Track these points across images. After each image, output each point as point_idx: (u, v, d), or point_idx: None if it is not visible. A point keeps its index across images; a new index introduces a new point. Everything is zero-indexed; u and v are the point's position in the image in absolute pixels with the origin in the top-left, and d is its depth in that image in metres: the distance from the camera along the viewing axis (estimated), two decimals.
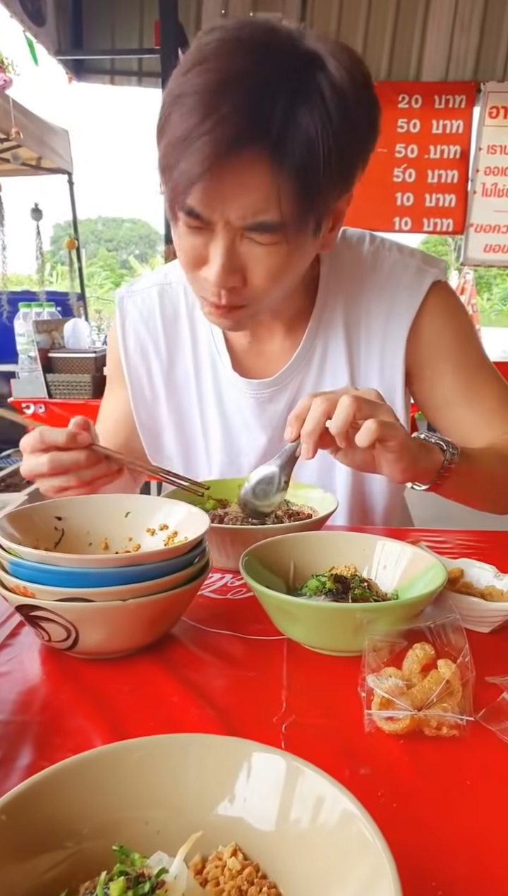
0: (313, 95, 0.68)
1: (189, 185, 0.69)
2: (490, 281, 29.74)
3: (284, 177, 0.69)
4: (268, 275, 0.78)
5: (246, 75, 0.66)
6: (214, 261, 0.76)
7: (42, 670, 0.61)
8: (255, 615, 0.69)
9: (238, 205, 0.71)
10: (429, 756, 0.51)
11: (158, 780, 0.39)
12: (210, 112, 0.66)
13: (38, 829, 0.34)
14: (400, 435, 0.70)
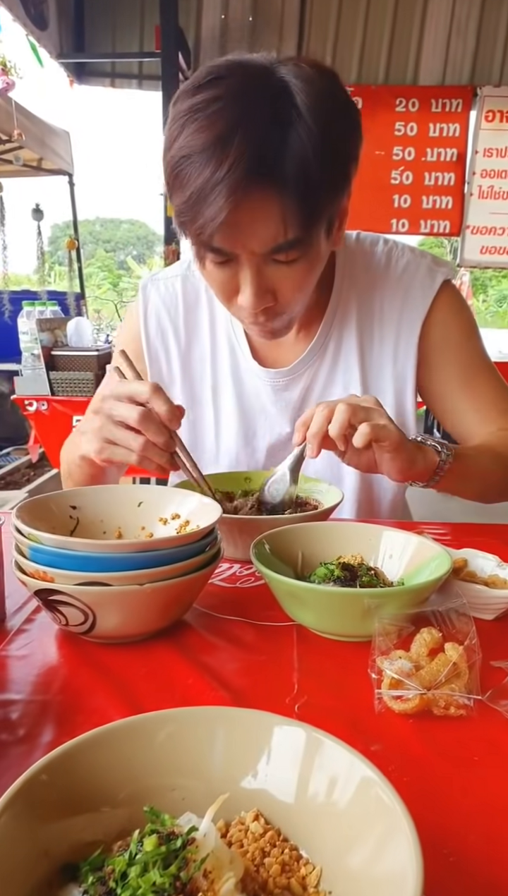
0: (295, 120, 0.74)
1: (213, 231, 0.76)
2: (485, 283, 29.82)
3: (289, 200, 0.76)
4: (296, 287, 0.86)
5: (237, 124, 0.73)
6: (246, 289, 0.83)
7: (59, 653, 0.63)
8: (265, 602, 0.71)
9: (257, 236, 0.78)
10: (438, 734, 0.53)
11: (187, 750, 0.40)
12: (217, 165, 0.72)
13: (76, 791, 0.36)
14: (392, 436, 0.77)
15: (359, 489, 1.10)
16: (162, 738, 0.39)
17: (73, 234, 5.46)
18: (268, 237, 0.78)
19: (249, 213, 0.76)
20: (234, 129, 0.72)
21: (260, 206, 0.76)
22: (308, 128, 0.74)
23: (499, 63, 5.15)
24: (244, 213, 0.75)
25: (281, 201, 0.76)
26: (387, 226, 5.44)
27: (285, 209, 0.76)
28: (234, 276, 0.83)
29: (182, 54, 4.73)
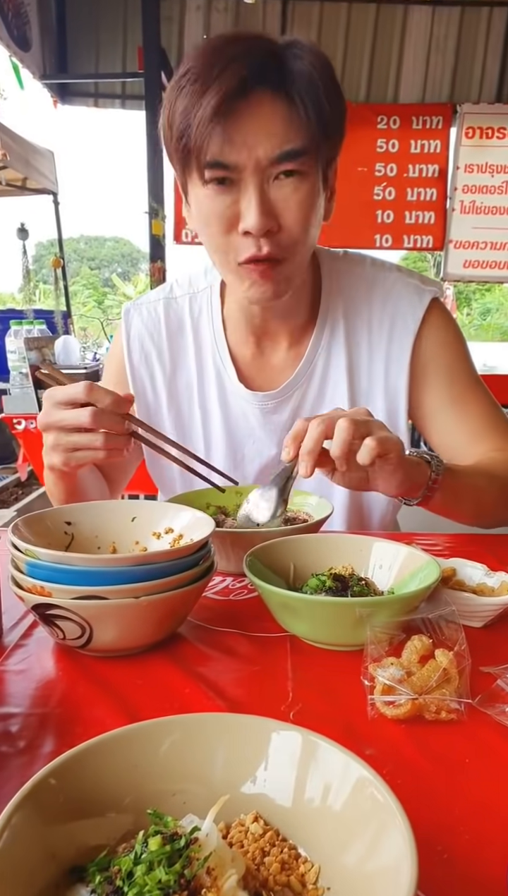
0: (299, 51, 0.78)
1: (209, 135, 0.74)
2: (469, 296, 30.19)
3: (295, 107, 0.76)
4: (299, 212, 0.82)
5: (239, 39, 0.77)
6: (250, 207, 0.79)
7: (57, 667, 0.64)
8: (258, 614, 0.72)
9: (263, 138, 0.76)
10: (430, 738, 0.54)
11: (189, 756, 0.41)
12: (213, 67, 0.73)
13: (83, 796, 0.37)
14: (398, 447, 0.74)
15: (349, 505, 1.10)
16: (166, 745, 0.40)
17: (58, 253, 5.48)
18: (274, 140, 0.76)
19: (251, 116, 0.75)
20: (236, 41, 0.75)
21: (265, 108, 0.75)
22: (312, 61, 0.77)
23: (478, 80, 5.27)
24: (245, 115, 0.75)
25: (287, 107, 0.76)
26: (371, 241, 5.52)
27: (293, 115, 0.76)
28: (235, 202, 0.80)
29: (165, 74, 4.80)
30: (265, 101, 0.75)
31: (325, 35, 5.16)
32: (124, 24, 5.13)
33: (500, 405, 1.07)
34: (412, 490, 0.82)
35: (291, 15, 5.14)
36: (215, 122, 0.74)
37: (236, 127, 0.75)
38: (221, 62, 0.73)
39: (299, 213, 0.82)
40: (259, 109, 0.75)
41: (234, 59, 0.74)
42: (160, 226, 4.88)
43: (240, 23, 5.15)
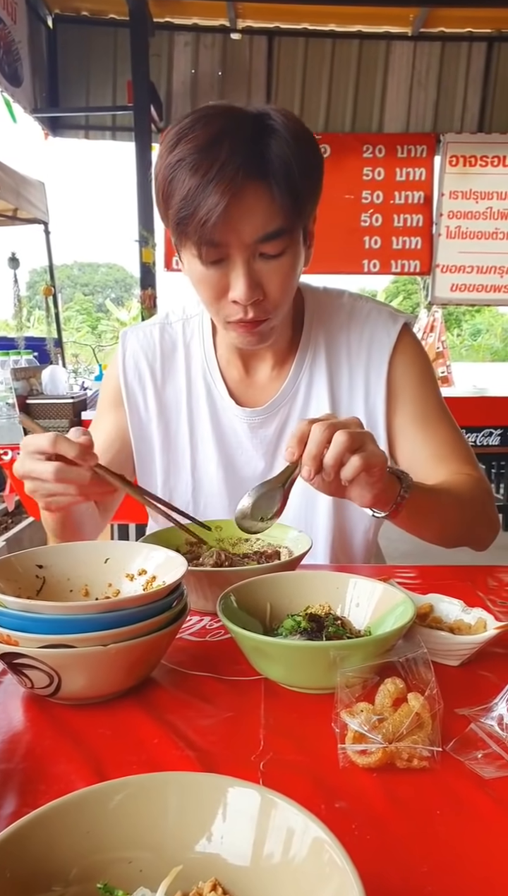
0: (274, 132, 0.88)
1: (214, 223, 0.85)
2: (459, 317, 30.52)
3: (276, 193, 0.87)
4: (282, 282, 0.93)
5: (224, 132, 0.86)
6: (238, 282, 0.90)
7: (25, 717, 0.63)
8: (234, 656, 0.71)
9: (250, 225, 0.88)
10: (401, 788, 0.53)
11: (139, 820, 0.40)
12: (211, 164, 0.84)
13: (26, 873, 0.36)
14: (382, 462, 0.79)
15: (332, 532, 1.12)
16: (113, 809, 0.39)
17: (48, 281, 5.52)
18: (259, 226, 0.88)
19: (242, 206, 0.86)
20: (222, 136, 0.85)
21: (253, 198, 0.87)
22: (286, 139, 0.87)
23: (460, 111, 5.39)
24: (237, 206, 0.85)
25: (270, 194, 0.87)
26: (359, 266, 5.58)
27: (273, 201, 0.87)
28: (225, 274, 0.91)
29: (154, 107, 4.89)
30: (249, 192, 0.86)
31: (310, 69, 5.28)
32: (114, 59, 5.23)
33: (464, 435, 1.11)
34: (382, 503, 0.85)
35: (277, 50, 5.25)
36: (214, 214, 0.84)
37: (227, 215, 0.86)
38: (217, 159, 0.84)
39: (282, 283, 0.93)
40: (246, 200, 0.86)
41: (228, 159, 0.84)
42: (150, 253, 4.92)
43: (227, 58, 5.26)
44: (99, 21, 5.19)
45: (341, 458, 0.75)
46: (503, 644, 0.76)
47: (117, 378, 1.15)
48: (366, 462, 0.76)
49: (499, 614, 0.81)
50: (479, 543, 1.08)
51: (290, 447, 0.78)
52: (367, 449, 0.77)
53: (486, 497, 1.05)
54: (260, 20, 5.09)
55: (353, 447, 0.76)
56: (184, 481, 1.14)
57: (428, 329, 5.93)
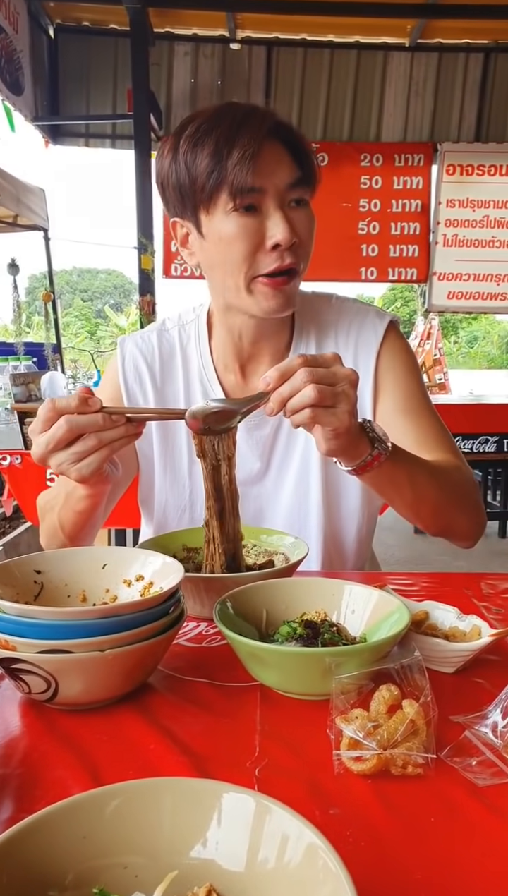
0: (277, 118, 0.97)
1: (249, 164, 0.91)
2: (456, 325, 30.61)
3: (292, 150, 0.97)
4: (309, 229, 1.00)
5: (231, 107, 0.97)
6: (278, 225, 0.95)
7: (22, 723, 0.63)
8: (230, 662, 0.72)
9: (280, 171, 0.95)
10: (396, 795, 0.53)
11: (135, 825, 0.41)
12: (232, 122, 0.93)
13: (22, 878, 0.36)
14: (339, 427, 0.78)
15: (324, 535, 1.13)
16: (109, 815, 0.40)
17: (48, 287, 5.53)
18: (287, 174, 0.96)
19: (269, 155, 0.94)
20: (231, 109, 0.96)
21: (277, 151, 0.95)
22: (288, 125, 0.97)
23: (456, 121, 5.43)
24: (266, 154, 0.93)
25: (289, 151, 0.96)
26: (356, 274, 5.61)
27: (292, 157, 0.96)
28: (261, 223, 0.95)
29: (153, 115, 4.92)
30: (274, 147, 0.95)
31: (309, 78, 5.32)
32: (114, 68, 5.26)
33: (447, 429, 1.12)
34: (344, 459, 0.86)
35: (276, 60, 5.29)
36: (246, 157, 0.91)
37: (259, 161, 0.93)
38: (235, 119, 0.93)
39: (309, 229, 1.00)
40: (269, 150, 0.95)
41: (247, 118, 0.94)
42: (149, 260, 4.95)
43: (226, 68, 5.31)
44: (99, 31, 5.23)
45: (299, 406, 0.77)
46: (497, 651, 0.76)
47: (117, 381, 1.16)
48: (319, 418, 0.77)
49: (494, 621, 0.81)
50: (462, 533, 1.05)
51: (268, 377, 0.78)
52: (335, 410, 0.77)
53: (469, 485, 1.04)
54: (260, 31, 5.13)
55: (323, 403, 0.76)
56: (181, 483, 1.15)
57: (425, 336, 5.96)
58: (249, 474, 1.13)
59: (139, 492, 1.20)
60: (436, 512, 0.99)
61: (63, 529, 0.98)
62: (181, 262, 5.46)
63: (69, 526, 0.97)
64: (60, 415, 0.76)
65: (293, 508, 1.13)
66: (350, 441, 0.82)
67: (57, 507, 0.97)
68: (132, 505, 1.40)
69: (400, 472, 0.91)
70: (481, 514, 1.07)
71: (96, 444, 0.77)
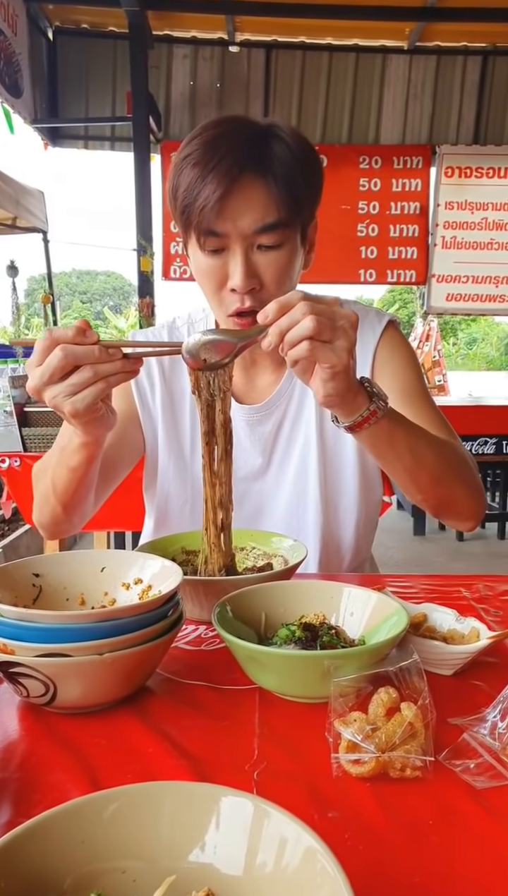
0: (279, 139, 0.95)
1: (210, 210, 0.90)
2: (455, 326, 30.63)
3: (273, 187, 0.93)
4: (277, 274, 0.97)
5: (230, 133, 0.94)
6: (236, 271, 0.95)
7: (20, 726, 0.63)
8: (228, 665, 0.72)
9: (248, 216, 0.93)
10: (394, 798, 0.53)
11: (133, 830, 0.41)
12: (212, 156, 0.91)
13: (20, 883, 0.36)
14: (340, 363, 0.76)
15: (322, 537, 1.14)
16: (107, 819, 0.40)
17: (47, 289, 5.53)
18: (257, 216, 0.93)
19: (240, 197, 0.91)
20: (226, 135, 0.93)
21: (251, 191, 0.92)
22: (288, 144, 0.94)
23: (455, 124, 5.44)
24: (235, 196, 0.91)
25: (267, 188, 0.92)
26: (355, 276, 5.62)
27: (270, 195, 0.93)
28: (225, 265, 0.95)
29: (152, 117, 4.93)
30: (249, 184, 0.92)
31: (308, 81, 5.33)
32: (113, 71, 5.27)
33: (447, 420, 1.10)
34: (342, 410, 0.84)
35: (275, 63, 5.30)
36: (211, 202, 0.90)
37: (226, 205, 0.91)
38: (218, 153, 0.91)
39: (278, 274, 0.97)
40: (244, 191, 0.92)
41: (228, 152, 0.91)
42: (148, 262, 4.95)
43: (225, 71, 5.32)
44: (99, 34, 5.24)
45: (297, 339, 0.75)
46: (496, 653, 0.76)
47: None
48: (315, 353, 0.74)
49: (493, 624, 0.81)
50: (463, 509, 1.02)
51: (267, 311, 0.76)
52: (333, 344, 0.75)
53: (468, 459, 1.03)
54: (259, 33, 5.14)
55: (321, 336, 0.74)
56: (183, 476, 1.16)
57: (424, 338, 5.96)
58: (251, 470, 1.14)
59: (144, 478, 1.21)
60: (436, 480, 0.96)
61: (55, 492, 0.95)
62: (180, 265, 5.47)
63: (62, 486, 0.94)
64: (57, 344, 0.74)
65: (291, 504, 1.14)
66: (348, 387, 0.80)
67: (50, 467, 0.95)
68: (132, 505, 1.40)
69: (399, 433, 0.89)
70: (481, 491, 1.04)
71: (92, 376, 0.75)
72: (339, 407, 0.83)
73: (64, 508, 0.98)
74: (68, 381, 0.75)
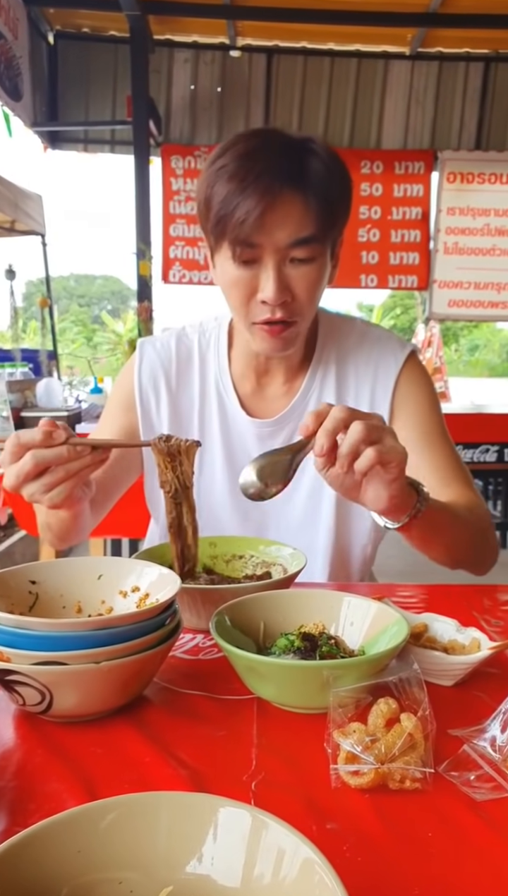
0: (314, 154, 0.96)
1: (250, 223, 0.92)
2: (456, 332, 30.67)
3: (311, 202, 0.94)
4: (309, 288, 0.98)
5: (265, 147, 0.95)
6: (268, 282, 0.96)
7: (16, 735, 0.62)
8: (226, 675, 0.71)
9: (284, 230, 0.94)
10: (393, 810, 0.53)
11: (130, 840, 0.40)
12: (250, 170, 0.92)
13: (16, 893, 0.35)
14: (401, 458, 0.76)
15: (332, 550, 1.13)
16: (104, 829, 0.39)
17: (45, 293, 5.53)
18: (292, 231, 0.94)
19: (276, 212, 0.93)
20: (263, 148, 0.94)
21: (287, 206, 0.93)
22: (323, 159, 0.96)
23: (457, 129, 5.45)
24: (272, 211, 0.92)
25: (305, 203, 0.94)
26: (356, 281, 5.62)
27: (307, 210, 0.94)
28: (256, 276, 0.97)
29: (153, 121, 4.93)
30: (285, 198, 0.93)
31: (309, 86, 5.33)
32: (114, 75, 5.28)
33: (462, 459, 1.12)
34: (397, 510, 0.82)
35: (276, 68, 5.31)
36: (251, 216, 0.92)
37: (265, 220, 0.92)
38: (255, 167, 0.92)
39: (308, 289, 0.99)
40: (281, 205, 0.93)
41: (266, 167, 0.92)
42: (147, 266, 4.95)
43: (226, 75, 5.32)
44: (99, 38, 5.24)
45: (356, 448, 0.73)
46: (497, 664, 0.76)
47: (131, 383, 1.17)
48: (382, 455, 0.73)
49: (494, 634, 0.81)
50: (480, 567, 1.07)
51: (306, 422, 0.76)
52: (386, 442, 0.74)
53: (488, 521, 1.06)
54: (260, 38, 5.15)
55: (370, 439, 0.74)
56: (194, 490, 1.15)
57: (426, 344, 5.96)
58: None
59: (145, 491, 1.21)
60: (467, 550, 1.01)
61: (51, 530, 1.01)
62: (179, 269, 5.47)
63: (56, 529, 1.00)
64: (26, 449, 0.77)
65: (303, 523, 1.13)
66: (403, 485, 0.79)
67: (42, 509, 0.97)
68: (131, 513, 1.40)
69: (441, 515, 0.91)
70: (496, 548, 1.08)
71: (63, 475, 0.78)
72: (398, 508, 0.81)
73: (61, 541, 1.02)
74: (41, 481, 0.78)
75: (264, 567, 0.97)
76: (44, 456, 0.76)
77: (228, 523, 1.13)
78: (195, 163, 5.37)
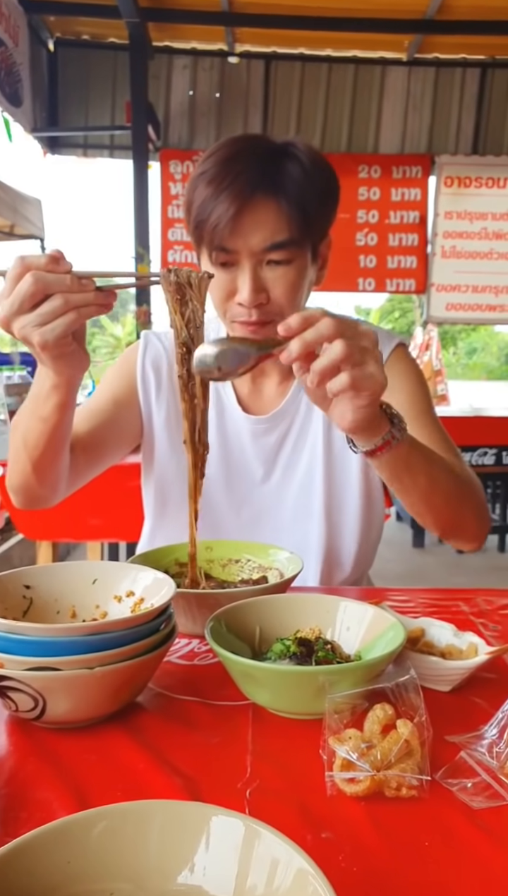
0: (293, 158, 0.96)
1: (222, 228, 0.93)
2: (455, 336, 30.72)
3: (284, 207, 0.94)
4: (286, 289, 0.98)
5: (245, 152, 0.96)
6: (244, 284, 0.96)
7: (8, 741, 0.62)
8: (222, 680, 0.70)
9: (258, 234, 0.95)
10: (389, 818, 0.52)
11: (122, 850, 0.40)
12: (226, 174, 0.93)
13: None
14: (375, 388, 0.72)
15: (324, 552, 1.13)
16: (94, 839, 0.39)
17: None
18: (267, 235, 0.95)
19: (251, 216, 0.93)
20: (241, 154, 0.95)
21: (263, 209, 0.94)
22: (302, 164, 0.96)
23: (454, 134, 5.48)
24: (247, 214, 0.93)
25: (278, 207, 0.94)
26: (354, 285, 5.63)
27: (281, 214, 0.94)
28: (234, 279, 0.98)
29: (151, 126, 4.95)
30: (258, 203, 0.93)
31: (307, 92, 5.36)
32: (113, 81, 5.30)
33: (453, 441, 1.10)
34: (364, 435, 0.80)
35: (274, 74, 5.34)
36: (223, 220, 0.93)
37: (237, 224, 0.93)
38: (232, 172, 0.93)
39: (286, 290, 0.98)
40: (256, 209, 0.94)
41: (241, 172, 0.93)
42: (146, 270, 4.95)
43: (224, 81, 5.35)
44: (99, 45, 5.27)
45: (332, 368, 0.70)
46: (494, 669, 0.75)
47: (133, 366, 1.17)
48: (356, 381, 0.70)
49: (491, 639, 0.80)
50: (471, 531, 1.03)
51: (289, 323, 0.70)
52: (366, 369, 0.71)
53: (475, 483, 1.02)
54: (258, 45, 5.18)
55: (352, 361, 0.70)
56: (183, 479, 1.14)
57: (424, 347, 5.97)
58: (251, 478, 1.15)
59: (142, 476, 1.21)
60: (448, 503, 0.96)
61: (26, 446, 0.92)
62: None
63: (32, 440, 0.91)
64: (28, 270, 0.72)
65: (295, 517, 1.13)
66: (376, 411, 0.77)
67: (23, 420, 0.93)
68: (128, 515, 1.39)
69: (416, 456, 0.87)
70: (487, 513, 1.05)
71: (63, 305, 0.73)
72: (364, 432, 0.80)
73: (34, 468, 0.94)
74: (38, 311, 0.73)
75: (260, 571, 0.96)
76: (45, 278, 0.72)
77: (223, 517, 1.14)
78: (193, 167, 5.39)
